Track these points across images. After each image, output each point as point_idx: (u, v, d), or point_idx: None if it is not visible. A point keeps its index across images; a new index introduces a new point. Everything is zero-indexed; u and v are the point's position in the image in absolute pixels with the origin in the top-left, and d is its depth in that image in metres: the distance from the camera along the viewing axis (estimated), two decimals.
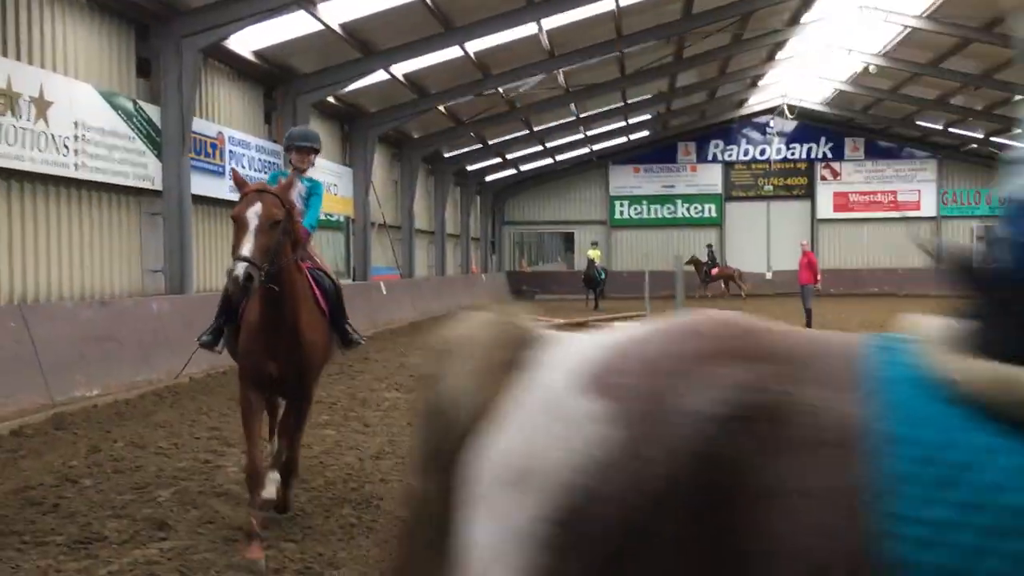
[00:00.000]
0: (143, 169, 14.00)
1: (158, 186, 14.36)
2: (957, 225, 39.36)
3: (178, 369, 12.48)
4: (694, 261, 34.19)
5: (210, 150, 16.02)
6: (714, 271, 35.45)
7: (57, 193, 12.42)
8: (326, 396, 10.53)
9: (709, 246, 37.13)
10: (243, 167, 17.14)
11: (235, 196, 18.49)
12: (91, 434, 8.80)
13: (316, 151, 6.56)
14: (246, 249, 5.02)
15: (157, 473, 7.22)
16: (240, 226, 5.12)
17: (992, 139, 35.76)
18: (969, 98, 31.17)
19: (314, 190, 6.51)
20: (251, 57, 17.06)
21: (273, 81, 18.60)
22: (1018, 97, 28.90)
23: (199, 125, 15.45)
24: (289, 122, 18.75)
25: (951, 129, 36.04)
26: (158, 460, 7.67)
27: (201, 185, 15.50)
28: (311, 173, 6.60)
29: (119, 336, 11.54)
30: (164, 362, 12.16)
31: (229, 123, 17.01)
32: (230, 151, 16.72)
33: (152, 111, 14.24)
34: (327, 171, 21.50)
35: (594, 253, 31.18)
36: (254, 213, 5.13)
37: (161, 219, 14.55)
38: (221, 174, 16.37)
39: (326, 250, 21.76)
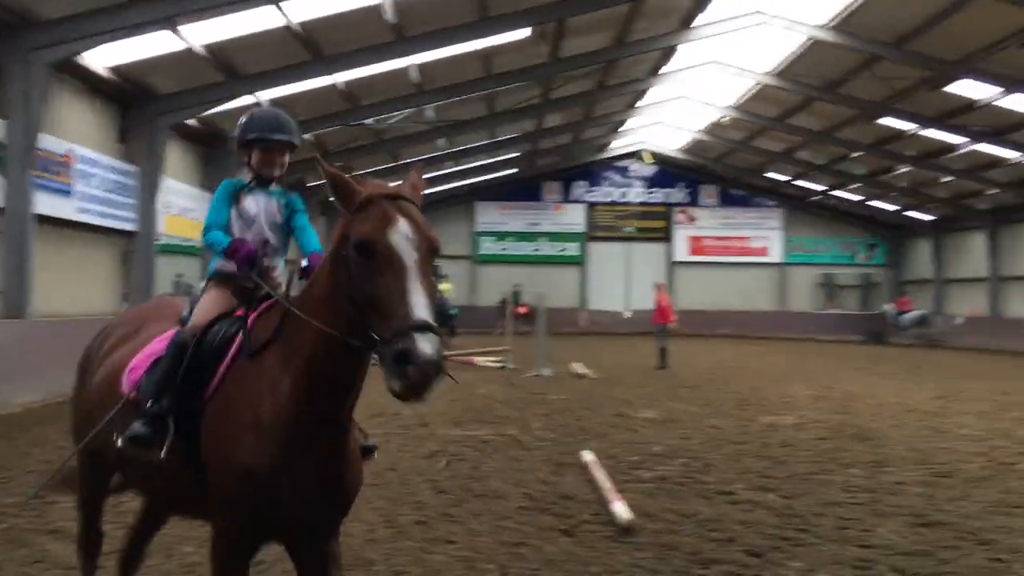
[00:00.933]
0: None
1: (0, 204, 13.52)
2: (801, 272, 41.75)
3: (12, 398, 11.72)
4: (504, 300, 34.74)
5: (58, 168, 15.22)
6: (520, 310, 35.95)
7: None
8: None
9: (516, 286, 37.68)
10: (93, 188, 16.35)
11: (83, 217, 17.32)
12: None
13: (292, 147, 4.07)
14: (421, 308, 2.73)
15: None
16: (391, 262, 2.80)
17: (832, 192, 38.34)
18: (812, 153, 33.32)
19: (295, 205, 4.16)
20: (106, 73, 16.35)
21: (129, 99, 17.86)
22: (855, 154, 31.12)
23: (46, 142, 14.66)
24: (145, 143, 18.00)
25: (796, 181, 38.41)
26: None
27: (46, 204, 14.70)
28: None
29: None
30: None
31: (79, 141, 16.21)
32: (79, 170, 15.92)
33: None
34: (185, 195, 20.81)
35: (444, 287, 28.47)
36: (408, 240, 2.85)
37: (0, 238, 13.68)
38: (68, 194, 15.57)
39: (171, 277, 20.97)
